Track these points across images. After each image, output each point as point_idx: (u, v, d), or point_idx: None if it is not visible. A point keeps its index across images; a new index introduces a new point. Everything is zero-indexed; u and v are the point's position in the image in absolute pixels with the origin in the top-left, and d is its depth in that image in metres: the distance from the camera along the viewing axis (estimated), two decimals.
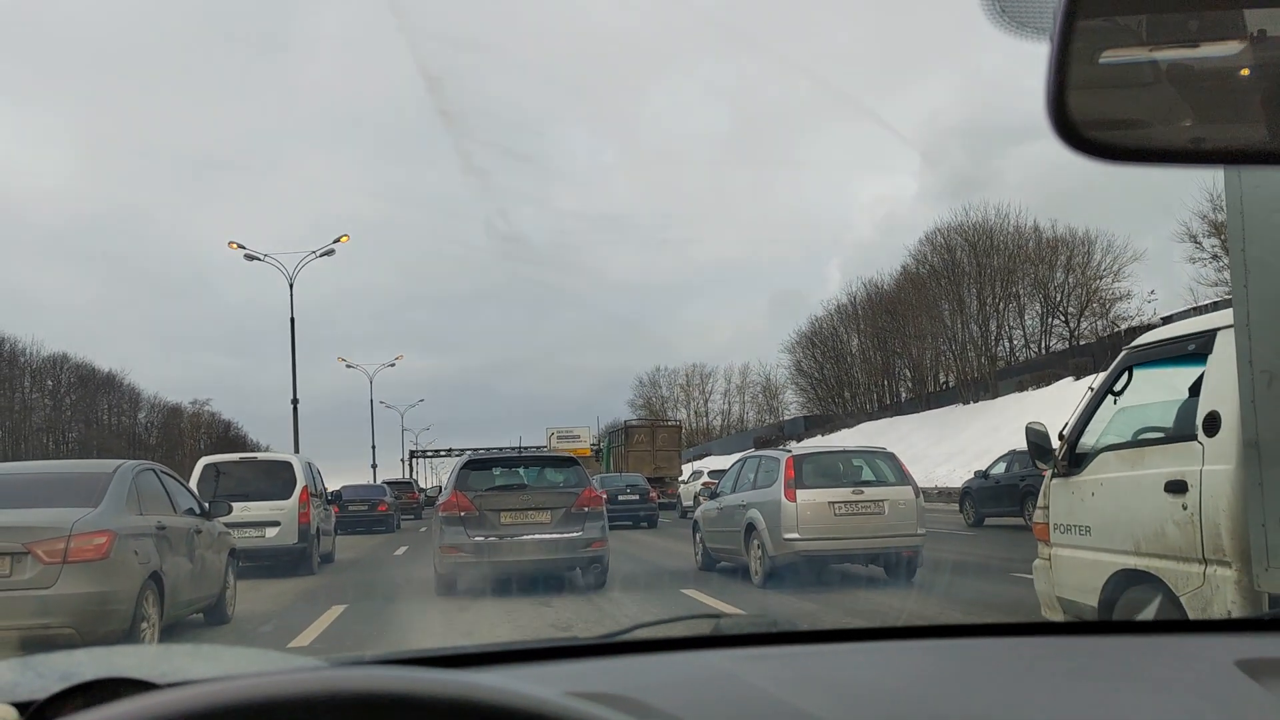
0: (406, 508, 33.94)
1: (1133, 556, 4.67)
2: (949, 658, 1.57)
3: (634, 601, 9.84)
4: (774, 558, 10.60)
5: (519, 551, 10.36)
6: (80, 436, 63.84)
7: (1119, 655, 1.50)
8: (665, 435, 37.02)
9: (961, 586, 10.47)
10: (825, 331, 66.37)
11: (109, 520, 6.87)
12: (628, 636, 1.56)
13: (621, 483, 25.96)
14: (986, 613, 8.12)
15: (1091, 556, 4.94)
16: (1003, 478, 19.76)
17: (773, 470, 11.16)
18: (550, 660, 1.44)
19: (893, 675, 1.44)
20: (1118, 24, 1.09)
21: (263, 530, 13.42)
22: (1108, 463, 4.93)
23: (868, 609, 8.91)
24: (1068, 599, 5.13)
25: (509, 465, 11.82)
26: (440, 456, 79.72)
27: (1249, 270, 4.04)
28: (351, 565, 15.89)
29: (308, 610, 9.53)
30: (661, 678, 1.38)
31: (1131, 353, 5.04)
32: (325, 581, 12.83)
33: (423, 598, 10.30)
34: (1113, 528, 4.79)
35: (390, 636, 8.08)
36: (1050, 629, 1.81)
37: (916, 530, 10.70)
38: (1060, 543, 5.21)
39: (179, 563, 7.80)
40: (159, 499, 8.06)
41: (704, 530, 13.08)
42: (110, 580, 6.62)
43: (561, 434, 53.93)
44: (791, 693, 1.28)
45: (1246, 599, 4.16)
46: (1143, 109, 1.12)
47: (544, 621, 8.68)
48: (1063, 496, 5.21)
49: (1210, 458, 4.35)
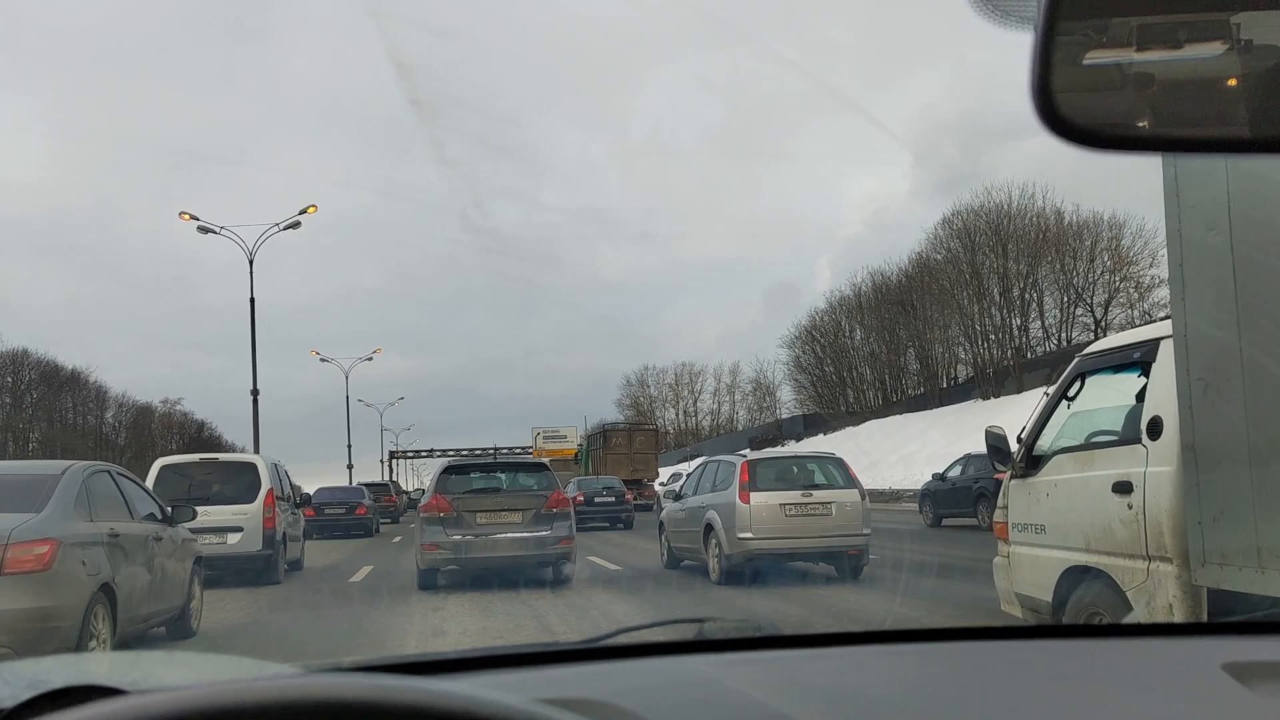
0: (384, 511, 33.79)
1: (1083, 553, 5.13)
2: (934, 662, 1.60)
3: (604, 595, 11.01)
4: (729, 556, 11.76)
5: (493, 549, 11.74)
6: (43, 436, 63.45)
7: (1106, 659, 1.52)
8: (642, 439, 39.99)
9: (920, 585, 11.31)
10: (827, 325, 65.43)
11: (53, 527, 6.52)
12: (611, 641, 1.60)
13: (598, 485, 27.50)
14: (946, 610, 8.71)
15: (1046, 554, 5.41)
16: (958, 480, 21.32)
17: (729, 474, 12.35)
18: (532, 666, 1.47)
19: (878, 680, 1.47)
20: (1101, 12, 1.13)
21: (224, 536, 13.09)
22: (1061, 465, 5.40)
23: (818, 602, 9.93)
24: (1025, 594, 5.61)
25: (485, 470, 13.18)
26: (421, 457, 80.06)
27: (1186, 284, 4.49)
28: (324, 573, 15.61)
29: (276, 620, 10.03)
30: (645, 683, 1.40)
31: (1084, 360, 5.53)
32: (290, 591, 12.86)
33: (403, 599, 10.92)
34: (1065, 526, 5.26)
35: (359, 642, 8.36)
36: (1036, 633, 1.88)
37: (862, 530, 11.89)
38: (1018, 540, 5.69)
39: (135, 573, 7.49)
40: (113, 504, 7.74)
41: (669, 530, 14.36)
42: (53, 594, 6.29)
43: (548, 434, 54.25)
44: (776, 698, 1.30)
45: (1186, 593, 4.61)
46: (1126, 97, 1.16)
47: (522, 615, 9.47)
48: (1020, 497, 5.68)
49: (1154, 460, 4.81)
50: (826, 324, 65.62)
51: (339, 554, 19.53)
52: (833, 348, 65.26)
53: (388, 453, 76.65)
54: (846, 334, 64.29)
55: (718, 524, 12.06)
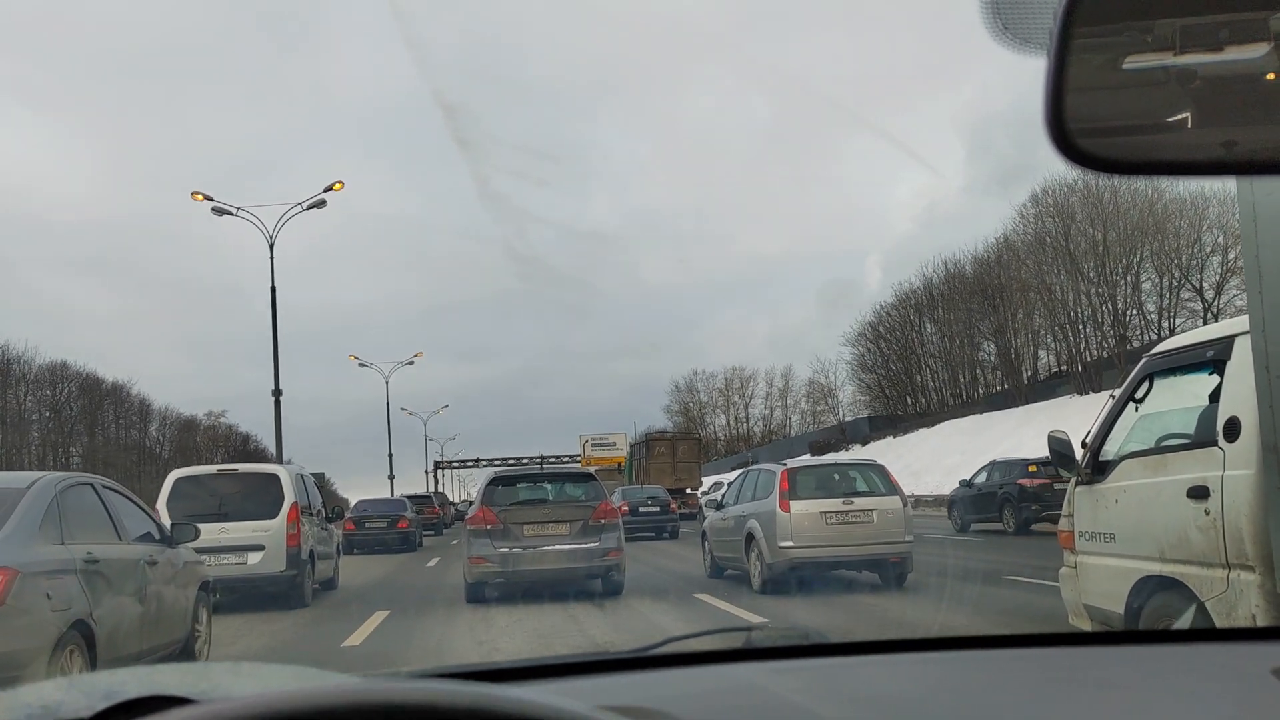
0: (427, 524, 33.69)
1: (1157, 563, 5.03)
2: (980, 669, 1.63)
3: (650, 607, 11.08)
4: (771, 565, 12.02)
5: (541, 561, 11.84)
6: (84, 450, 64.73)
7: (1151, 665, 1.57)
8: (686, 447, 40.86)
9: (954, 591, 11.51)
10: (894, 320, 63.29)
11: (10, 553, 5.69)
12: (659, 650, 1.63)
13: (643, 495, 27.71)
14: (988, 618, 8.78)
15: (1117, 563, 5.32)
16: (984, 486, 22.25)
17: (769, 483, 12.65)
18: (582, 675, 1.52)
19: (923, 687, 1.51)
20: (1113, 39, 1.15)
21: (244, 556, 12.35)
22: (1131, 470, 5.31)
23: (860, 610, 10.01)
24: (1094, 606, 5.51)
25: (532, 481, 13.31)
26: (467, 467, 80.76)
27: (1263, 276, 4.39)
28: (360, 596, 14.15)
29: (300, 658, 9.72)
30: (694, 690, 1.47)
31: (1152, 360, 5.42)
32: (319, 615, 12.06)
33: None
34: (1137, 534, 5.16)
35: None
36: (1081, 639, 1.93)
37: (904, 537, 12.04)
38: (1085, 550, 5.59)
39: (120, 605, 6.70)
40: (95, 522, 6.92)
41: (711, 540, 14.65)
42: (8, 635, 5.46)
43: (596, 441, 54.57)
44: (823, 705, 1.35)
45: (1270, 603, 4.51)
46: (1142, 121, 1.19)
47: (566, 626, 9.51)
48: (1087, 504, 5.59)
49: (1231, 463, 4.70)
50: (893, 319, 63.60)
51: (387, 567, 19.50)
52: (900, 344, 63.33)
53: (432, 463, 77.32)
54: (916, 328, 62.07)
55: (759, 533, 12.28)
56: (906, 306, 62.47)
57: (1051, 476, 20.66)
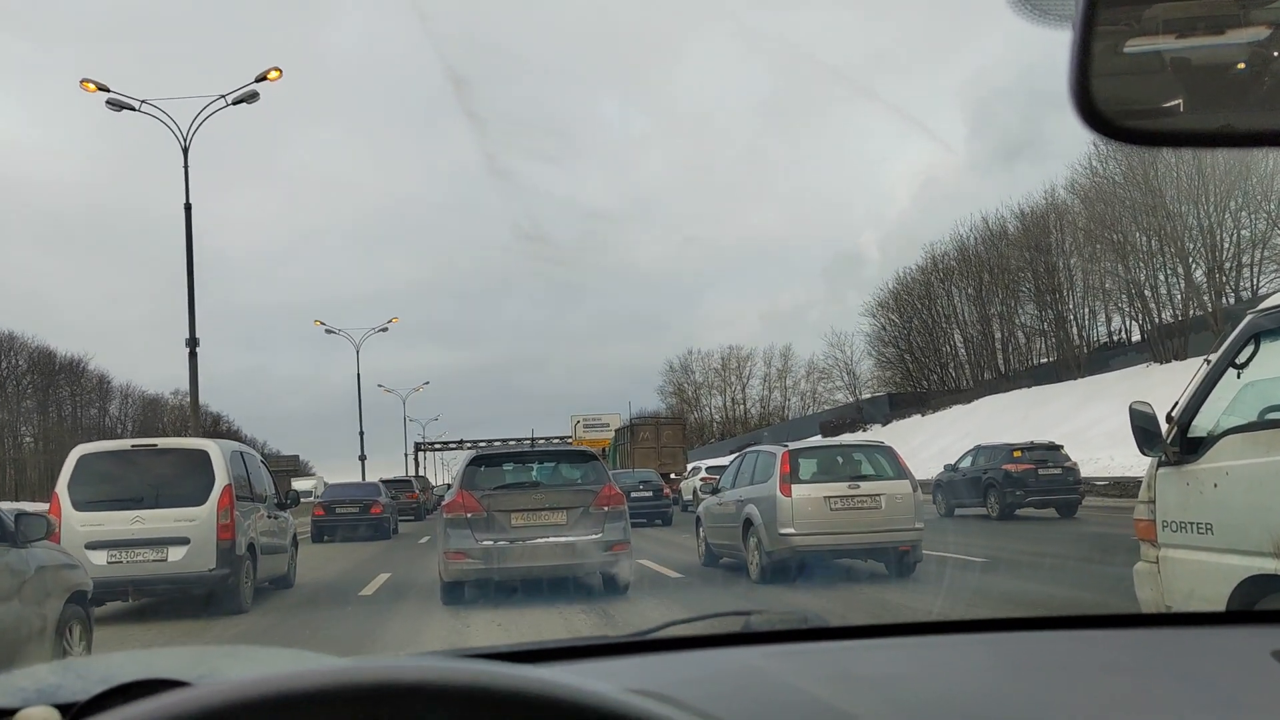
0: (404, 509, 33.72)
1: (1271, 559, 4.46)
2: (981, 652, 1.71)
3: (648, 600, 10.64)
4: (771, 553, 11.73)
5: (532, 557, 10.62)
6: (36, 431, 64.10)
7: (1155, 648, 1.67)
8: (670, 432, 42.12)
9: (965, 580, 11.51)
10: (919, 286, 61.03)
11: None
12: (659, 634, 1.71)
13: (634, 479, 26.77)
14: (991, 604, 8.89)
15: (1215, 559, 4.76)
16: (968, 471, 23.52)
17: (769, 465, 12.31)
18: (580, 659, 1.59)
19: (924, 670, 1.58)
20: (1140, 8, 1.19)
21: (163, 551, 10.67)
22: (1232, 448, 4.73)
23: (866, 601, 9.86)
24: (1183, 609, 4.92)
25: (520, 460, 12.00)
26: (450, 449, 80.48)
27: None
28: (315, 596, 13.18)
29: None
30: (694, 674, 1.54)
31: (1258, 318, 4.81)
32: (257, 624, 10.50)
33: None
34: (1243, 525, 4.60)
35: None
36: (1083, 623, 1.96)
37: (914, 524, 11.73)
38: (1172, 543, 5.03)
39: None
40: None
41: (706, 526, 14.44)
42: None
43: (589, 422, 54.51)
44: (823, 688, 1.43)
45: None
46: (1168, 92, 1.23)
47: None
48: (1174, 489, 5.01)
49: None
50: (919, 284, 61.28)
51: (345, 562, 18.48)
52: (927, 313, 61.30)
53: (413, 445, 76.91)
54: (945, 295, 59.78)
55: (757, 519, 12.00)
56: (935, 270, 60.32)
57: (1036, 462, 21.52)
